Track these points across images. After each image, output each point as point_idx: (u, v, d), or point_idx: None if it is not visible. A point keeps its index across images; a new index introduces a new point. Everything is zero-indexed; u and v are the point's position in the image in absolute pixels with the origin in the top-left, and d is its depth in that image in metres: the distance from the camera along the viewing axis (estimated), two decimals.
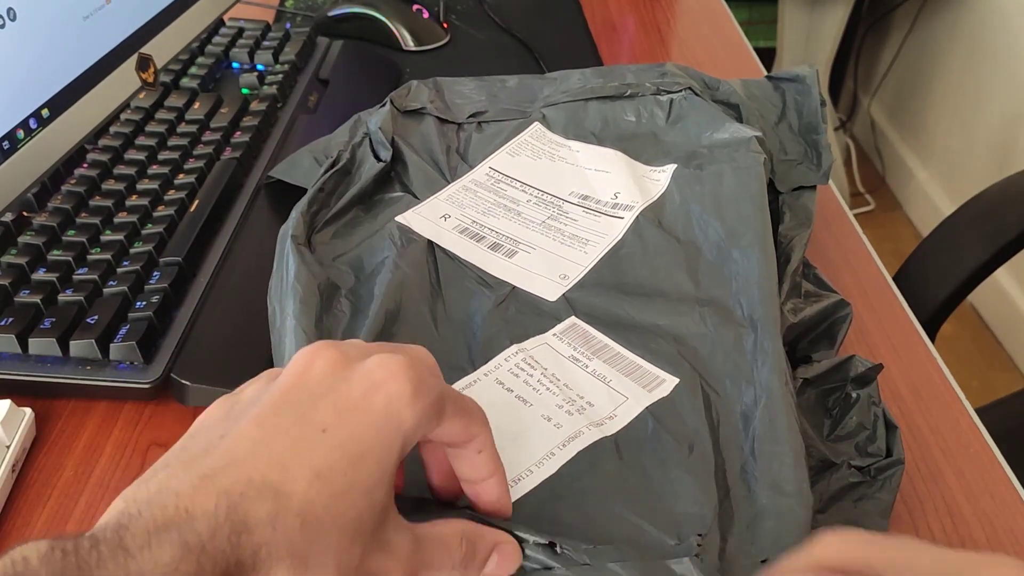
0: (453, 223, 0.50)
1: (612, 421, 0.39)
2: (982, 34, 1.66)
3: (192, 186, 0.56)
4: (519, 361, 0.42)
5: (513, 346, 0.43)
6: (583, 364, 0.42)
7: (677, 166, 0.54)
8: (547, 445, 0.38)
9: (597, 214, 0.52)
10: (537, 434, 0.38)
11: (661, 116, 0.58)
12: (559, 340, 0.44)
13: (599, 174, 0.54)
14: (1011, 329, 1.61)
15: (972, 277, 0.74)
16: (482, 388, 0.41)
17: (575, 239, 0.50)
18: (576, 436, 0.38)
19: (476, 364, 0.42)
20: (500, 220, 0.51)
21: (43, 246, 0.51)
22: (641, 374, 0.42)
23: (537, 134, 0.57)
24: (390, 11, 0.83)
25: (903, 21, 1.91)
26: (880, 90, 2.04)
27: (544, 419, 0.39)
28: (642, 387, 0.41)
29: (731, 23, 0.90)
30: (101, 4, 0.58)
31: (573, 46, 0.83)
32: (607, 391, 0.41)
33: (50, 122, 0.53)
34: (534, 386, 0.41)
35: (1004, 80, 1.60)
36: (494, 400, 0.40)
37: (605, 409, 0.40)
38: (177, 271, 0.50)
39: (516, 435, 0.38)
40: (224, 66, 0.73)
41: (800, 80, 0.60)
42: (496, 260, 0.49)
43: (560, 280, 0.47)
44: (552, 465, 0.37)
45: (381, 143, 0.53)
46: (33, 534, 0.41)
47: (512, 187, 0.54)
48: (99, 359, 0.46)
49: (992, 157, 1.65)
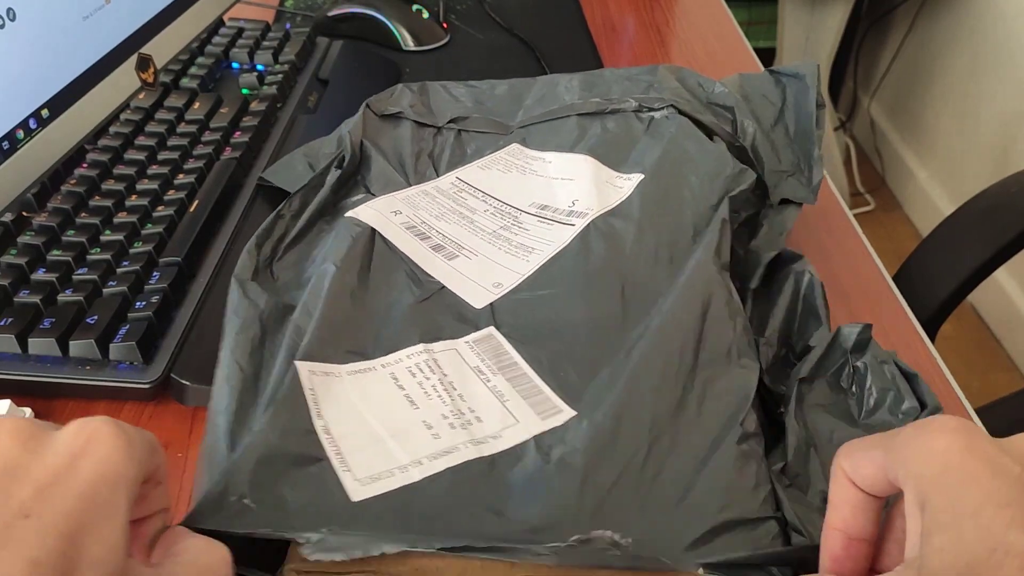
0: (402, 219, 0.50)
1: (495, 441, 0.38)
2: (982, 34, 1.66)
3: (192, 186, 0.56)
4: (420, 361, 0.41)
5: (420, 344, 0.42)
6: (485, 378, 0.41)
7: (644, 176, 0.52)
8: (419, 452, 0.36)
9: (550, 223, 0.51)
10: (413, 439, 0.37)
11: (639, 128, 0.58)
12: (469, 349, 0.43)
13: (563, 182, 0.54)
14: (1011, 329, 1.61)
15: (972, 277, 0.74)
16: (374, 378, 0.40)
17: (521, 248, 0.49)
18: (451, 451, 0.37)
19: (377, 353, 0.41)
20: (451, 225, 0.50)
21: (43, 246, 0.51)
22: (540, 400, 0.40)
23: (513, 151, 0.57)
24: (390, 11, 0.83)
25: (903, 21, 1.91)
26: (880, 90, 2.04)
27: (425, 426, 0.38)
28: (536, 413, 0.39)
29: (731, 23, 0.90)
30: (101, 4, 0.58)
31: (573, 46, 0.83)
32: (501, 410, 0.39)
33: (50, 122, 0.53)
34: (427, 390, 0.40)
35: (1004, 80, 1.60)
36: (382, 393, 0.39)
37: (492, 428, 0.38)
38: (177, 271, 0.50)
39: (392, 434, 0.37)
40: (224, 66, 0.73)
41: (800, 78, 0.59)
42: (434, 260, 0.48)
43: (492, 288, 0.46)
44: (416, 474, 0.36)
45: (346, 148, 0.53)
46: None
47: (473, 197, 0.53)
48: (99, 359, 0.46)
49: (992, 157, 1.65)
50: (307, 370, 0.39)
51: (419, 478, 0.35)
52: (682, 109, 0.57)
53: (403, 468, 0.36)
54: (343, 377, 0.40)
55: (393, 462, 0.36)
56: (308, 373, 0.39)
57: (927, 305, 0.72)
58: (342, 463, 0.35)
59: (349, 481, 0.35)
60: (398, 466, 0.36)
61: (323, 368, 0.39)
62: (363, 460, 0.36)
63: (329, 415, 0.37)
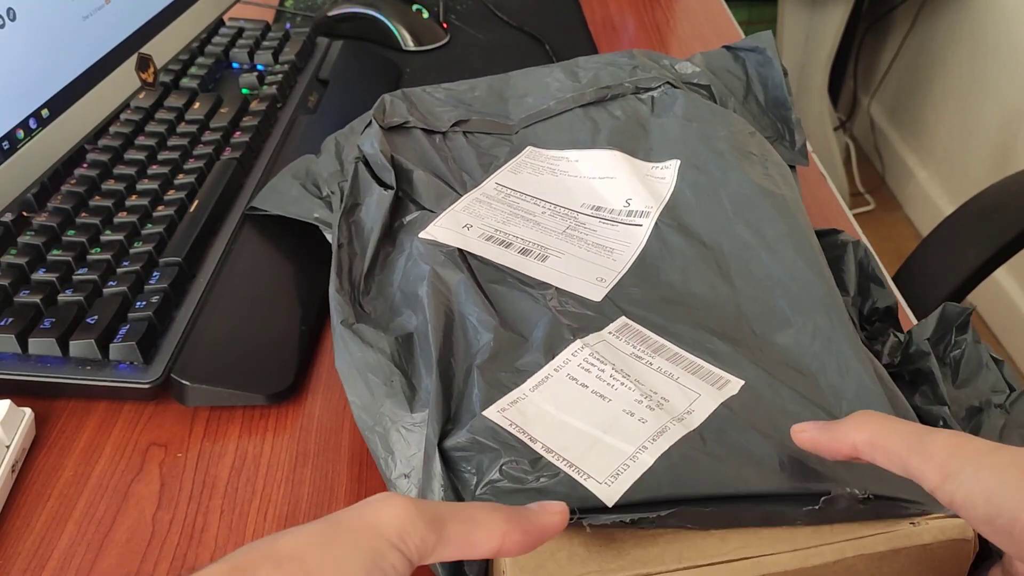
0: (477, 232, 0.49)
1: (691, 416, 0.38)
2: (982, 34, 1.66)
3: (192, 186, 0.56)
4: (587, 356, 0.41)
5: (578, 341, 0.42)
6: (647, 362, 0.41)
7: (680, 162, 0.53)
8: (637, 439, 0.36)
9: (614, 223, 0.50)
10: (625, 429, 0.37)
11: (645, 110, 0.58)
12: (615, 339, 0.42)
13: (604, 181, 0.53)
14: (1011, 329, 1.61)
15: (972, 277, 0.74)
16: (555, 384, 0.40)
17: (599, 247, 0.49)
18: (663, 431, 0.37)
19: (542, 361, 0.41)
20: (522, 228, 0.50)
21: (43, 246, 0.51)
22: (706, 373, 0.40)
23: (532, 154, 0.56)
24: (390, 11, 0.83)
25: (903, 21, 1.91)
26: (880, 90, 2.04)
27: (627, 414, 0.38)
28: (710, 385, 0.40)
29: (731, 23, 0.90)
30: (101, 4, 0.58)
31: (573, 46, 0.83)
32: (678, 387, 0.39)
33: (50, 122, 0.53)
34: (607, 381, 0.39)
35: (1004, 80, 1.60)
36: (571, 396, 0.39)
37: (681, 405, 0.38)
38: (177, 271, 0.50)
39: (604, 431, 0.37)
40: (224, 66, 0.73)
41: (759, 51, 0.60)
42: (530, 263, 0.47)
43: (598, 283, 0.46)
44: (647, 459, 0.35)
45: (383, 166, 0.51)
46: (33, 535, 0.41)
47: (524, 200, 0.52)
48: (99, 359, 0.46)
49: (992, 157, 1.65)
50: (496, 411, 0.38)
51: (652, 462, 0.35)
52: (676, 85, 0.58)
53: (633, 458, 0.36)
54: (529, 396, 0.39)
55: (622, 455, 0.36)
56: (499, 414, 0.38)
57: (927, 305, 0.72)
58: (579, 472, 0.35)
59: (595, 487, 0.34)
60: (628, 457, 0.36)
61: (509, 400, 0.39)
62: (596, 462, 0.36)
63: (541, 435, 0.37)
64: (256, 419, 0.47)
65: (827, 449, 0.32)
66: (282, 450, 0.45)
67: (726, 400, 0.39)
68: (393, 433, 0.40)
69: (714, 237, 0.48)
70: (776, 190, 0.50)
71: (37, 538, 0.41)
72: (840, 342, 0.41)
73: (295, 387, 0.48)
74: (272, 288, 0.53)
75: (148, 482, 0.44)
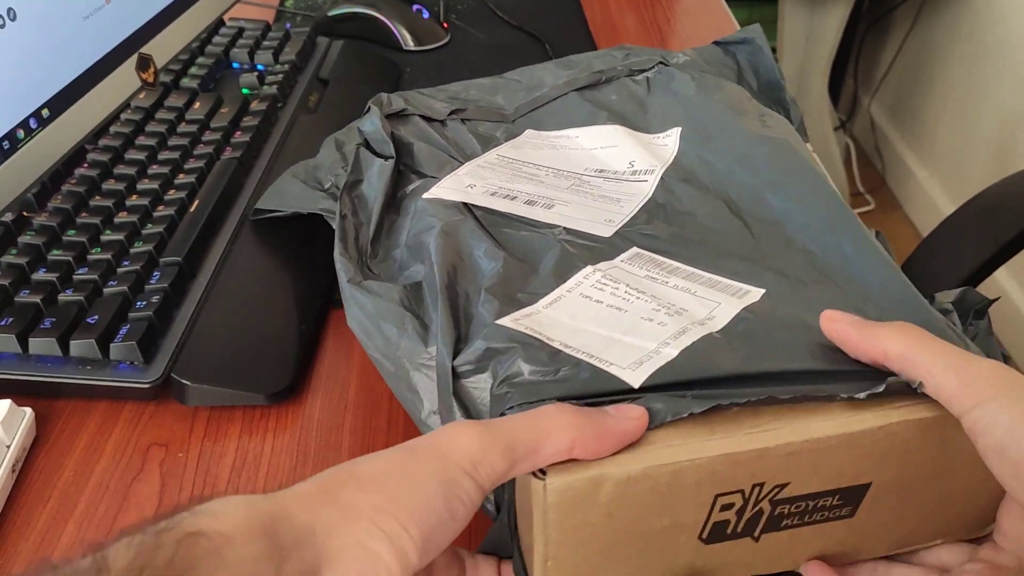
0: (481, 189, 0.49)
1: (712, 320, 0.37)
2: (982, 34, 1.66)
3: (192, 186, 0.56)
4: (600, 278, 0.40)
5: (588, 267, 0.41)
6: (662, 281, 0.40)
7: (680, 128, 0.53)
8: (658, 338, 0.36)
9: (619, 181, 0.50)
10: (644, 331, 0.36)
11: (641, 91, 0.58)
12: (628, 265, 0.42)
13: (607, 150, 0.53)
14: (1011, 329, 1.61)
15: (972, 276, 0.74)
16: (569, 303, 0.39)
17: (605, 199, 0.48)
18: (683, 331, 0.36)
19: (554, 283, 0.41)
20: (527, 185, 0.49)
21: (43, 246, 0.51)
22: (724, 287, 0.40)
23: (531, 135, 0.56)
24: (390, 11, 0.83)
25: (903, 21, 1.91)
26: (880, 90, 2.04)
27: (646, 320, 0.37)
28: (731, 295, 0.39)
29: (731, 23, 0.90)
30: (101, 4, 0.58)
31: (573, 46, 0.83)
32: (696, 300, 0.39)
33: (50, 122, 0.53)
34: (623, 297, 0.39)
35: (1004, 80, 1.60)
36: (585, 311, 0.38)
37: (701, 313, 0.38)
38: (177, 271, 0.50)
39: (623, 333, 0.36)
40: (224, 66, 0.73)
41: (749, 42, 0.61)
42: (536, 211, 0.47)
43: (607, 223, 0.46)
44: (671, 351, 0.35)
45: (383, 141, 0.52)
46: (33, 534, 0.41)
47: (526, 167, 0.52)
48: (99, 359, 0.46)
49: (992, 157, 1.65)
50: (510, 320, 0.38)
51: (676, 354, 0.35)
52: (667, 63, 0.59)
53: (656, 352, 0.35)
54: (542, 311, 0.39)
55: (643, 350, 0.35)
56: (513, 321, 0.38)
57: None
58: (601, 361, 0.35)
59: (619, 371, 0.34)
60: (651, 350, 0.35)
61: (522, 313, 0.39)
62: (617, 354, 0.35)
63: (558, 335, 0.37)
64: (256, 419, 0.47)
65: (855, 347, 0.32)
66: (282, 450, 0.45)
67: (748, 306, 0.38)
68: (413, 373, 0.39)
69: (720, 187, 0.48)
70: (776, 136, 0.50)
71: (38, 538, 0.41)
72: (867, 259, 0.41)
73: (295, 387, 0.48)
74: (272, 288, 0.53)
75: (149, 482, 0.44)
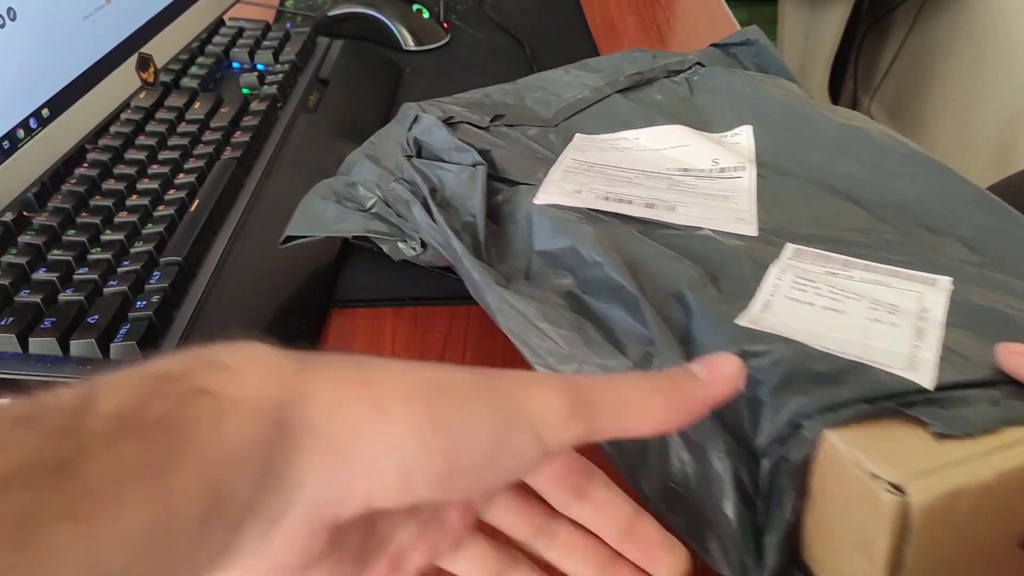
0: (590, 194, 0.46)
1: (931, 313, 0.35)
2: (982, 34, 1.66)
3: (192, 186, 0.56)
4: (793, 278, 0.38)
5: (772, 267, 0.39)
6: (846, 275, 0.38)
7: (751, 126, 0.51)
8: (903, 340, 0.34)
9: (712, 179, 0.47)
10: (881, 334, 0.34)
11: (684, 91, 0.56)
12: (799, 262, 0.39)
13: (679, 149, 0.50)
14: None
15: None
16: (781, 306, 0.36)
17: (712, 197, 0.45)
18: (922, 333, 0.34)
19: (752, 285, 0.38)
20: (630, 188, 0.46)
21: (43, 246, 0.51)
22: (908, 275, 0.38)
23: (586, 139, 0.53)
24: (390, 11, 0.83)
25: (903, 21, 1.91)
26: (880, 90, 2.04)
27: (873, 321, 0.35)
28: (920, 283, 0.37)
29: (731, 23, 0.90)
30: (101, 4, 0.58)
31: (573, 46, 0.83)
32: (895, 292, 0.36)
33: (50, 122, 0.53)
34: (829, 296, 0.36)
35: (1004, 80, 1.60)
36: (804, 313, 0.36)
37: (912, 306, 0.35)
38: (177, 271, 0.50)
39: (864, 335, 0.34)
40: (224, 66, 0.73)
41: (752, 43, 0.60)
42: (661, 213, 0.44)
43: (740, 221, 0.43)
44: (927, 355, 0.33)
45: (455, 149, 0.49)
46: None
47: (610, 169, 0.49)
48: (99, 359, 0.46)
49: (992, 157, 1.65)
50: (747, 321, 0.35)
51: (934, 357, 0.33)
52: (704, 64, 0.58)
53: (913, 355, 0.33)
54: (763, 316, 0.36)
55: (898, 354, 0.33)
56: (750, 323, 0.35)
57: None
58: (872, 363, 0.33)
59: (902, 372, 0.32)
60: (908, 355, 0.33)
61: (747, 319, 0.36)
62: (880, 355, 0.33)
63: (807, 340, 0.34)
64: None
65: None
66: None
67: (949, 294, 0.36)
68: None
69: (823, 178, 0.46)
70: (864, 125, 0.48)
71: None
72: (1019, 230, 0.40)
73: None
74: (272, 288, 0.53)
75: None
